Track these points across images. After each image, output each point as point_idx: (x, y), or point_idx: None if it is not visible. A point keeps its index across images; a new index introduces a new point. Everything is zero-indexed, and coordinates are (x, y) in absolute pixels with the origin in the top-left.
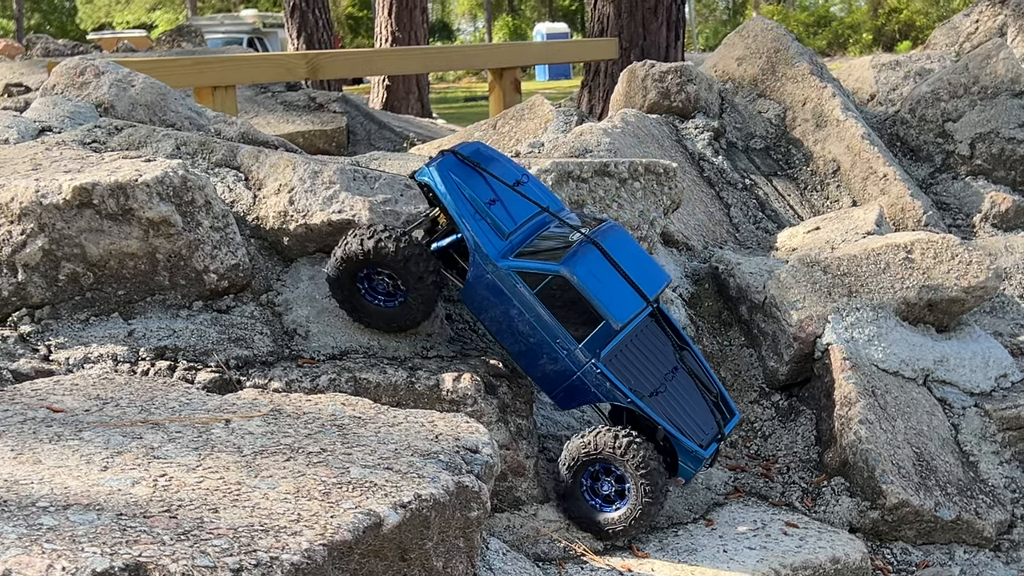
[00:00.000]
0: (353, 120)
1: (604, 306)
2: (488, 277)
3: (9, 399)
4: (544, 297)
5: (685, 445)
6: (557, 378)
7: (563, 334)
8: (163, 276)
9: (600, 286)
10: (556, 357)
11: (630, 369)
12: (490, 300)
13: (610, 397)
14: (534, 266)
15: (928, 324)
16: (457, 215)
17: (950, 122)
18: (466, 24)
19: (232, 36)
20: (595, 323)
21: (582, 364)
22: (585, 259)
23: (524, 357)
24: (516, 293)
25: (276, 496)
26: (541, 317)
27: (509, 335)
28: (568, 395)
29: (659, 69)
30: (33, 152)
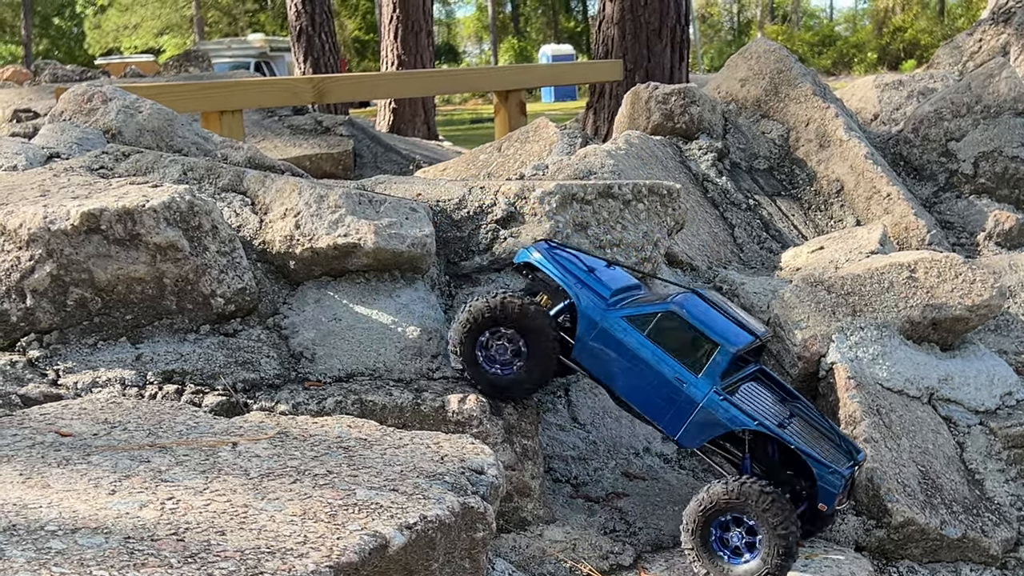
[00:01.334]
0: (360, 143)
1: (716, 332)
2: (598, 329)
3: (18, 423)
4: (655, 337)
5: (822, 463)
6: (680, 415)
7: (680, 369)
8: (170, 300)
9: (709, 318)
10: (676, 393)
11: (751, 403)
12: (602, 352)
13: (736, 423)
14: (642, 309)
15: (932, 343)
16: (562, 280)
17: (953, 141)
18: (472, 47)
19: (239, 60)
20: (709, 354)
21: (704, 394)
22: (690, 299)
23: (644, 402)
24: (628, 338)
25: (283, 518)
26: (656, 356)
27: (625, 382)
28: (693, 430)
29: (663, 91)
30: (41, 178)
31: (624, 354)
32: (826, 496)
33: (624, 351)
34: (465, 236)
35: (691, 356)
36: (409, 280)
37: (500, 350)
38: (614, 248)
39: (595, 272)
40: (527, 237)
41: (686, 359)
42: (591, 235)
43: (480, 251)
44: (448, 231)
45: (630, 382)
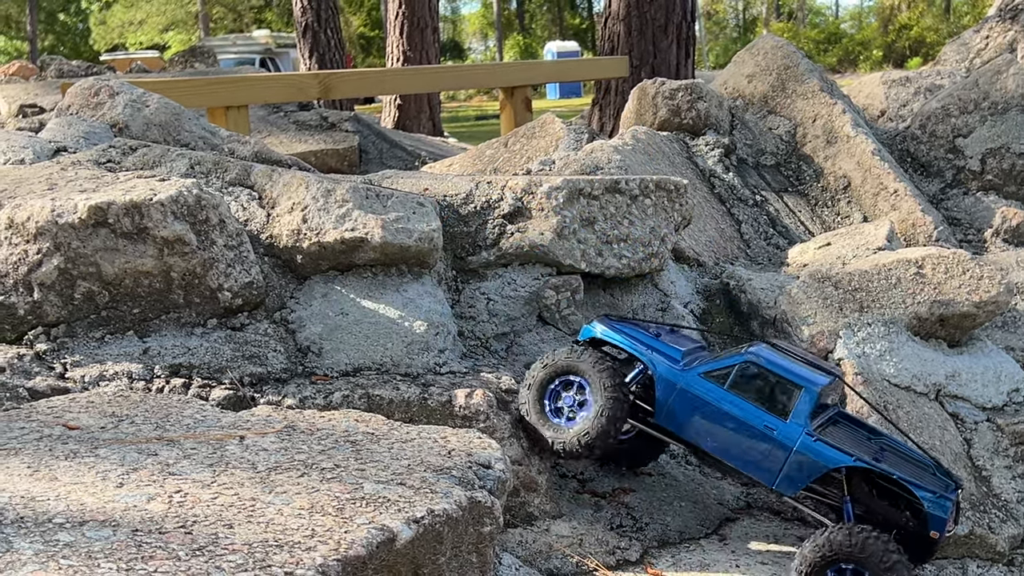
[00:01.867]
0: (365, 139)
1: (798, 376)
2: (677, 389)
3: (25, 416)
4: (737, 388)
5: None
6: (775, 463)
7: (767, 417)
8: (178, 294)
9: (787, 362)
10: (767, 441)
11: (842, 440)
12: (686, 412)
13: (834, 461)
14: (720, 363)
15: (940, 339)
16: (633, 348)
17: (960, 138)
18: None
19: (244, 56)
20: (794, 396)
21: (796, 438)
22: (763, 349)
23: (736, 456)
24: (709, 393)
25: (290, 512)
26: (741, 407)
27: (714, 439)
28: (791, 475)
29: (669, 87)
30: (48, 172)
31: (708, 411)
32: (937, 523)
33: (707, 408)
34: (472, 231)
35: (776, 402)
36: (416, 275)
37: (567, 401)
38: (621, 243)
39: (662, 336)
40: (534, 232)
41: (771, 406)
42: (598, 230)
43: (487, 246)
44: (455, 226)
45: (718, 438)
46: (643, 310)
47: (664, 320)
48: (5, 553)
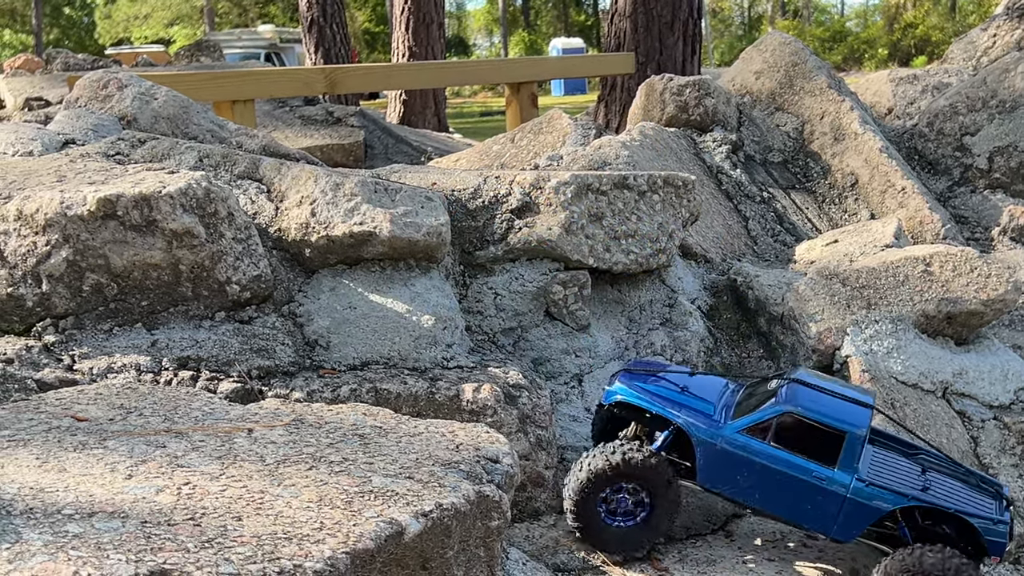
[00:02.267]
0: (371, 134)
1: (839, 421)
2: (718, 450)
3: (34, 408)
4: (780, 441)
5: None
6: (829, 513)
7: (815, 467)
8: (186, 287)
9: (826, 407)
10: (818, 491)
11: (890, 475)
12: (729, 470)
13: (891, 503)
14: (757, 416)
15: (947, 337)
16: (663, 411)
17: (968, 136)
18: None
19: (249, 51)
20: (839, 443)
21: (847, 486)
22: (798, 393)
23: (788, 508)
24: (752, 451)
25: (299, 504)
26: (787, 461)
27: (763, 495)
28: (848, 522)
29: (677, 83)
30: (57, 164)
31: (752, 467)
32: (995, 547)
33: (751, 465)
34: (480, 226)
35: (821, 451)
36: (424, 269)
37: (622, 503)
38: (629, 239)
39: (688, 390)
40: (542, 227)
41: (817, 455)
42: (606, 226)
43: (495, 241)
44: (463, 220)
45: (767, 493)
46: (650, 306)
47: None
48: (15, 544)
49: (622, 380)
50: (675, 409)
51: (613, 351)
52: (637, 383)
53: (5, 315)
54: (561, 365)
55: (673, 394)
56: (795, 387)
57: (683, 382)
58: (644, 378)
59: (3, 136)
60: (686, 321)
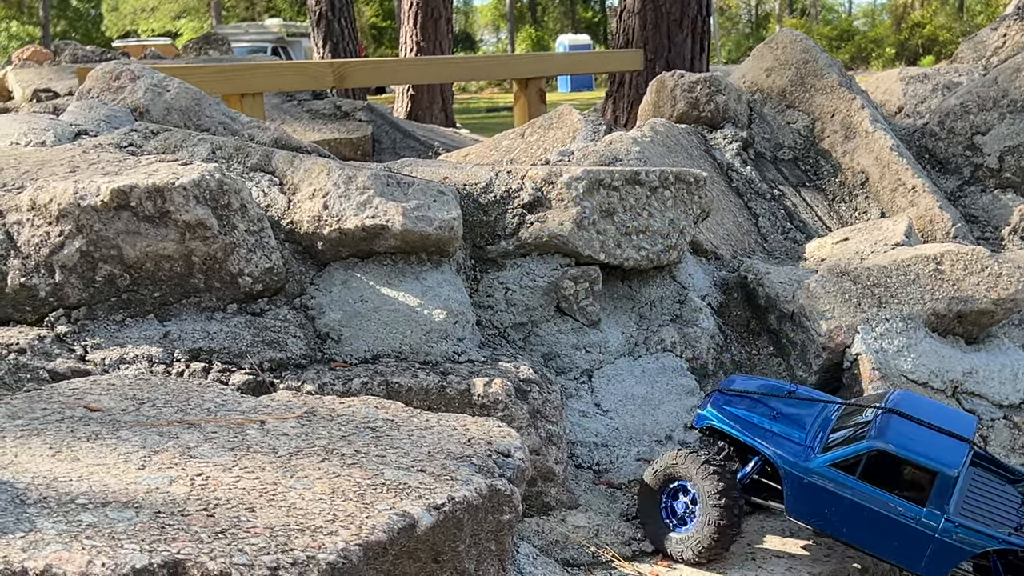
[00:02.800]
0: (378, 129)
1: (931, 460)
2: (806, 483)
3: (47, 398)
4: (869, 477)
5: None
6: (918, 551)
7: (904, 504)
8: (198, 278)
9: (918, 444)
10: (907, 531)
11: (983, 512)
12: (817, 503)
13: (979, 547)
14: (847, 452)
15: (957, 336)
16: (752, 441)
17: (979, 135)
18: (489, 35)
19: (256, 45)
20: (930, 483)
21: (936, 527)
22: (891, 426)
23: (876, 544)
24: (840, 486)
25: (312, 496)
26: (875, 497)
27: (851, 529)
28: (936, 562)
29: (688, 79)
30: (71, 155)
31: (840, 502)
32: None
33: (839, 499)
34: (491, 220)
35: (912, 489)
36: (436, 263)
37: (680, 507)
38: (640, 235)
39: (780, 416)
40: (554, 222)
41: (907, 493)
42: (617, 221)
43: (506, 235)
44: (474, 215)
45: (855, 528)
46: (660, 302)
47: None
48: (29, 532)
49: (714, 404)
50: (763, 439)
51: (623, 347)
52: (728, 408)
53: (18, 305)
54: (571, 360)
55: (764, 421)
56: (889, 419)
57: (777, 407)
58: (737, 401)
59: (16, 126)
60: (696, 318)
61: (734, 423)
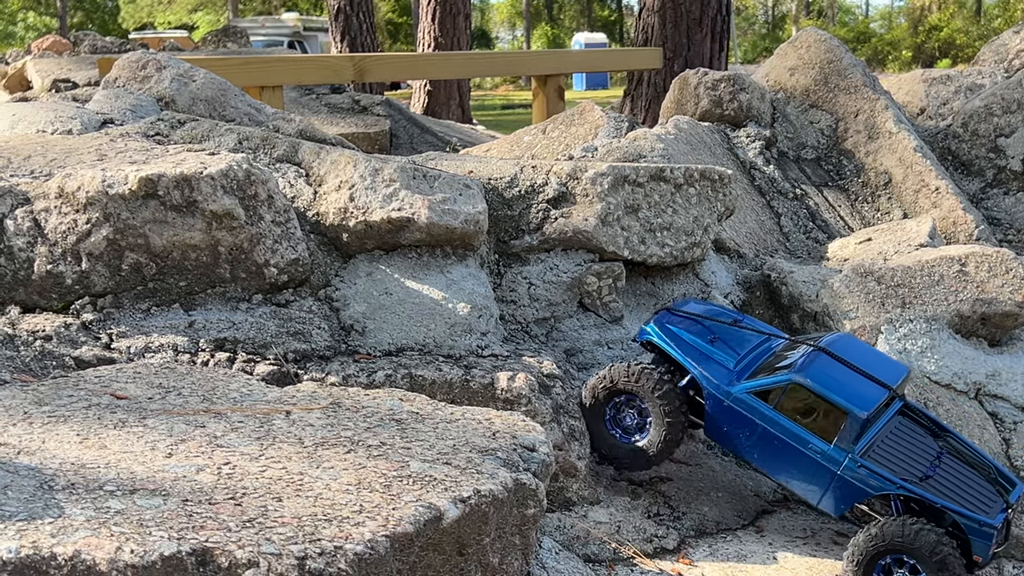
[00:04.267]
0: (396, 123)
1: (845, 399)
2: (726, 406)
3: (73, 385)
4: (783, 408)
5: (972, 518)
6: (819, 485)
7: (812, 439)
8: (224, 269)
9: (835, 383)
10: (811, 464)
11: (892, 459)
12: (733, 426)
13: (877, 489)
14: (766, 382)
15: (981, 338)
16: (684, 360)
17: (1003, 137)
18: (505, 32)
19: (273, 39)
20: (840, 421)
21: (839, 463)
22: (814, 364)
23: (781, 473)
24: (756, 413)
25: (338, 487)
26: (786, 428)
27: (761, 455)
28: (835, 498)
29: (712, 77)
30: (98, 143)
31: (754, 428)
32: (980, 549)
33: (754, 426)
34: (516, 215)
35: (822, 425)
36: (460, 257)
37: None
38: (664, 231)
39: (718, 341)
40: (578, 217)
41: (817, 428)
42: (642, 218)
43: (531, 230)
44: (499, 209)
45: (764, 455)
46: None
47: None
48: (58, 518)
49: (657, 321)
50: (695, 359)
51: None
52: (670, 326)
53: (44, 292)
54: (593, 356)
55: (700, 343)
56: (818, 357)
57: (718, 332)
58: (680, 322)
59: (42, 114)
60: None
61: (671, 341)
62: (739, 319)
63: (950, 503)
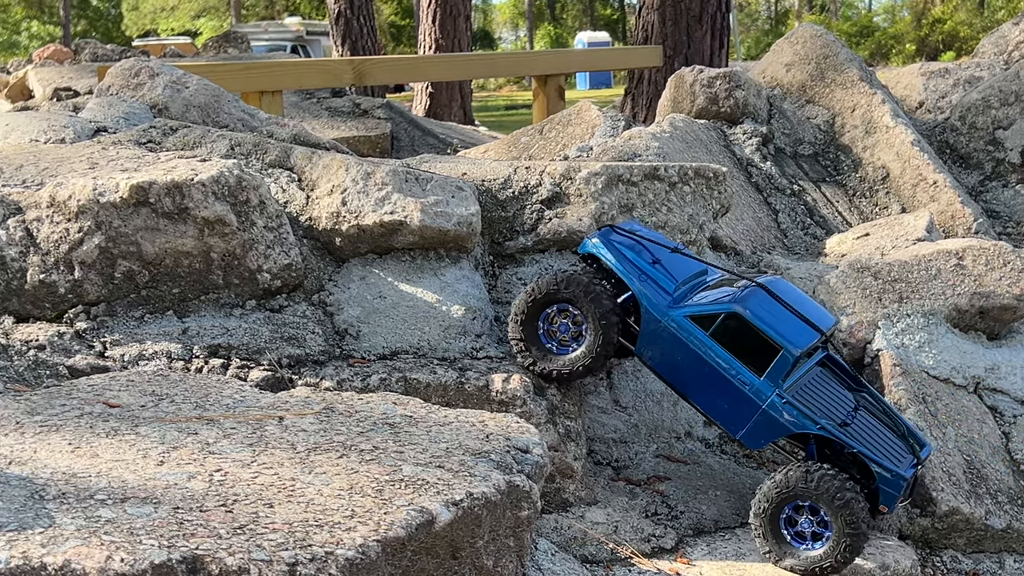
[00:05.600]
0: (397, 126)
1: (780, 335)
2: (661, 327)
3: (66, 394)
4: (719, 337)
5: (884, 467)
6: (742, 417)
7: (743, 370)
8: (217, 275)
9: (773, 318)
10: (738, 395)
11: (814, 402)
12: (666, 350)
13: (799, 427)
14: (706, 308)
15: (979, 331)
16: (625, 275)
17: (1001, 130)
18: (507, 33)
19: (276, 43)
20: (772, 356)
21: (766, 397)
22: (754, 297)
23: (707, 401)
24: (691, 337)
25: (330, 492)
26: (718, 357)
27: (689, 382)
28: (756, 431)
29: (707, 75)
30: (90, 151)
31: (687, 353)
32: (887, 499)
33: (687, 350)
34: (510, 216)
35: (754, 358)
36: (454, 259)
37: (562, 327)
38: (659, 230)
39: (659, 264)
40: (572, 218)
41: (749, 361)
42: (636, 217)
43: (525, 231)
44: (493, 211)
45: (693, 380)
46: None
47: None
48: (48, 528)
49: (600, 236)
50: (636, 277)
51: None
52: (615, 242)
53: (37, 301)
54: None
55: (643, 263)
56: (756, 291)
57: (660, 256)
58: (624, 241)
59: (35, 123)
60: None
61: (614, 256)
62: (679, 247)
63: (866, 450)
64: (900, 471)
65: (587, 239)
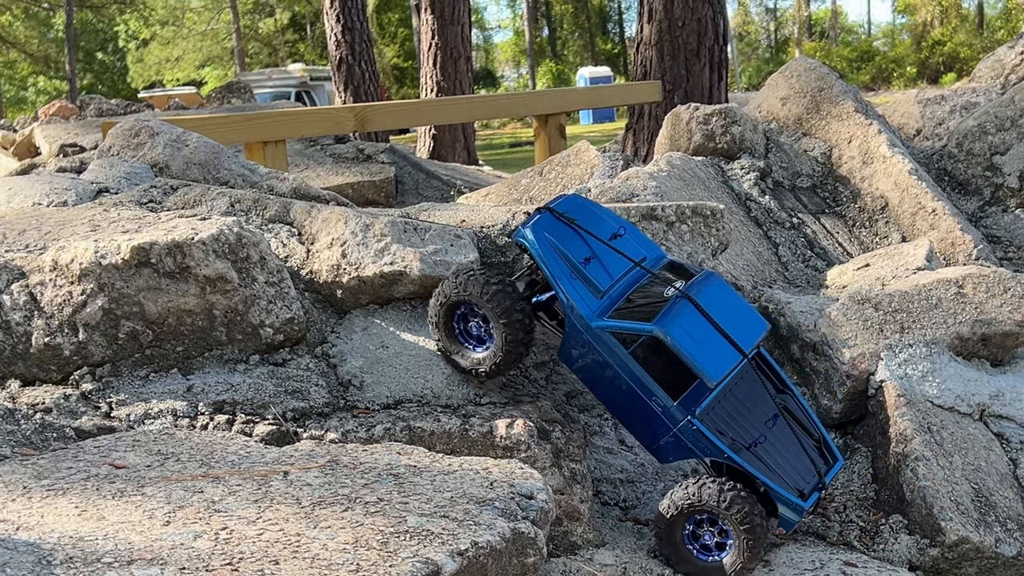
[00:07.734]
0: (401, 170)
1: (699, 365)
2: (583, 336)
3: (72, 456)
4: (639, 356)
5: (784, 497)
6: (654, 435)
7: (659, 392)
8: (220, 331)
9: (694, 344)
10: (652, 415)
11: (727, 422)
12: (586, 359)
13: (707, 453)
14: (628, 326)
15: (982, 358)
16: (551, 276)
17: (998, 155)
18: (510, 71)
19: (280, 90)
20: (690, 380)
21: (678, 421)
22: (679, 317)
23: (621, 414)
24: (611, 353)
25: (335, 546)
26: (636, 376)
27: (605, 392)
28: (666, 450)
29: (703, 112)
30: (91, 213)
31: (605, 366)
32: (785, 523)
33: (606, 364)
34: (509, 261)
35: (673, 379)
36: None
37: (475, 328)
38: None
39: (593, 260)
40: None
41: (666, 383)
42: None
43: (524, 276)
44: (492, 256)
45: (612, 395)
46: None
47: None
48: None
49: (536, 225)
50: (565, 278)
51: None
52: (547, 235)
53: (43, 364)
54: (594, 398)
55: (576, 260)
56: (684, 307)
57: (598, 249)
58: (560, 229)
59: (39, 187)
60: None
61: (543, 250)
62: (621, 231)
63: (769, 479)
64: (800, 503)
65: (521, 226)
